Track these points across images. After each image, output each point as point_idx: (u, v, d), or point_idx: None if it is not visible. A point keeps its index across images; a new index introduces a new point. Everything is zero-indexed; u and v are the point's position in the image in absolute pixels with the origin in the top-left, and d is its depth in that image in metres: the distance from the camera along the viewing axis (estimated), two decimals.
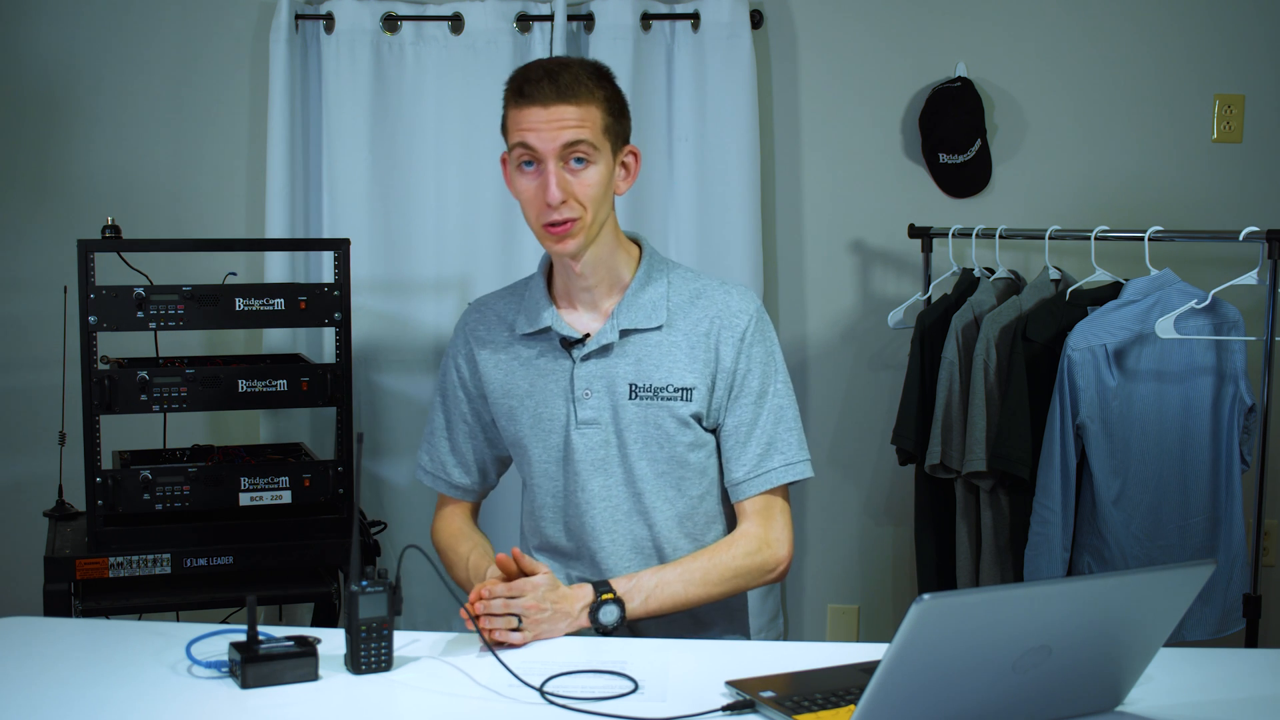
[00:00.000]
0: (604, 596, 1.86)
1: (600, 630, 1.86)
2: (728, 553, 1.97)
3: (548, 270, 2.06)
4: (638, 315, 1.98)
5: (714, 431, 2.03)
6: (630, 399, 1.97)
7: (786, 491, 2.03)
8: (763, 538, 1.99)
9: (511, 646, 1.77)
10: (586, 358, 1.98)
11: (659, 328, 1.98)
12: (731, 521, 2.06)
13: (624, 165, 1.98)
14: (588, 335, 1.99)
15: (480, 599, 1.77)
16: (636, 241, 2.06)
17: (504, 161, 1.97)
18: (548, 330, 2.01)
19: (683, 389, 1.97)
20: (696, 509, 2.02)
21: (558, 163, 1.88)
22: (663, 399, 1.96)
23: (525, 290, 2.08)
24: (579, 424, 1.97)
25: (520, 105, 1.89)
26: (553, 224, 1.90)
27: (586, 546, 2.01)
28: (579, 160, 1.89)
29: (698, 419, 1.99)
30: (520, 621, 1.77)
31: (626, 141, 1.98)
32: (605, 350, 1.98)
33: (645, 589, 1.90)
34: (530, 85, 1.88)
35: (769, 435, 1.99)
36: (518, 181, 1.92)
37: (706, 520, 2.04)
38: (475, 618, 1.76)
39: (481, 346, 2.06)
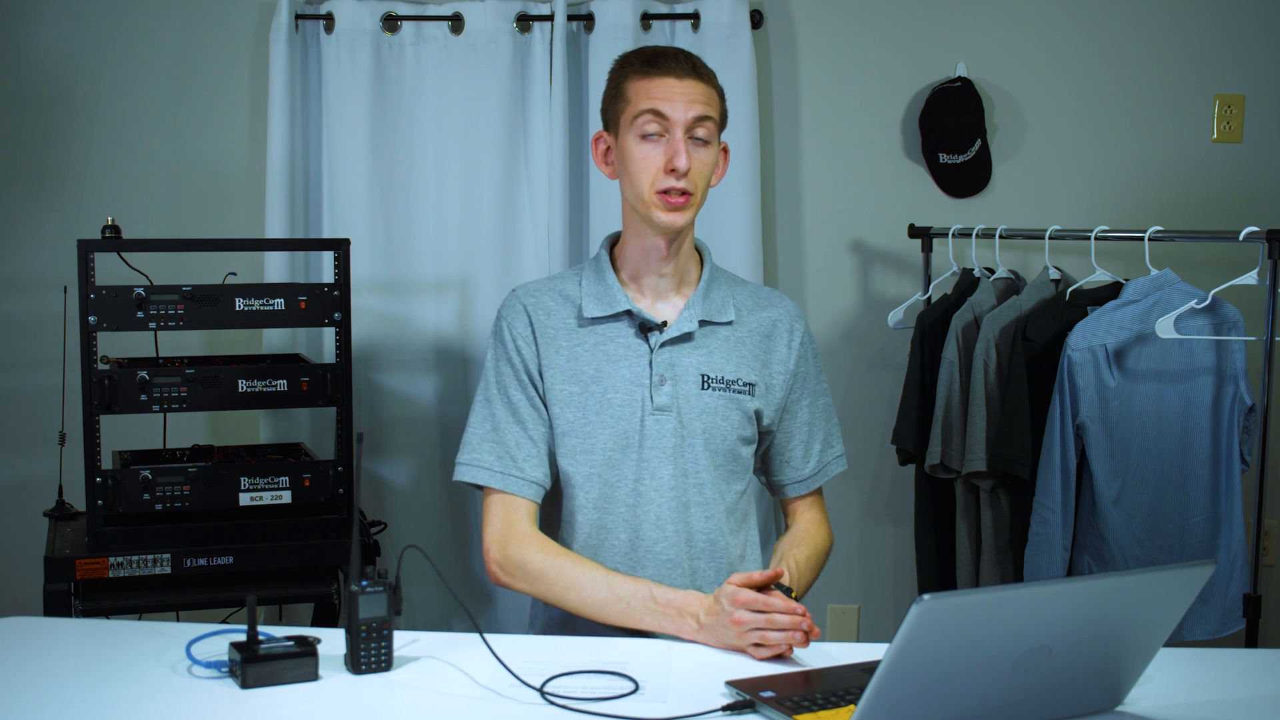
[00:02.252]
0: (785, 582, 1.88)
1: None
2: (816, 540, 2.08)
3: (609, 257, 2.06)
4: (711, 309, 2.02)
5: (764, 432, 2.06)
6: (703, 389, 1.98)
7: None
8: (826, 520, 2.13)
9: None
10: (664, 344, 1.99)
11: (730, 323, 2.03)
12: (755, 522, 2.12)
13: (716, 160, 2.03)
14: (665, 322, 2.00)
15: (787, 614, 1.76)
16: (698, 247, 2.09)
17: (596, 141, 2.03)
18: (621, 315, 2.00)
19: (749, 384, 2.01)
20: (736, 505, 2.04)
21: (684, 134, 1.92)
22: (734, 391, 1.99)
23: (581, 277, 2.05)
24: (655, 410, 1.97)
25: (651, 75, 1.94)
26: (669, 193, 1.92)
27: (644, 538, 1.98)
28: (699, 138, 1.94)
29: (758, 415, 2.02)
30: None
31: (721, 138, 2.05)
32: (683, 339, 2.00)
33: (793, 574, 1.96)
34: (664, 59, 1.95)
35: (825, 431, 2.10)
36: (637, 149, 1.94)
37: (741, 518, 2.06)
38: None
39: (544, 330, 2.00)
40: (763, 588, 1.80)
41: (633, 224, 2.00)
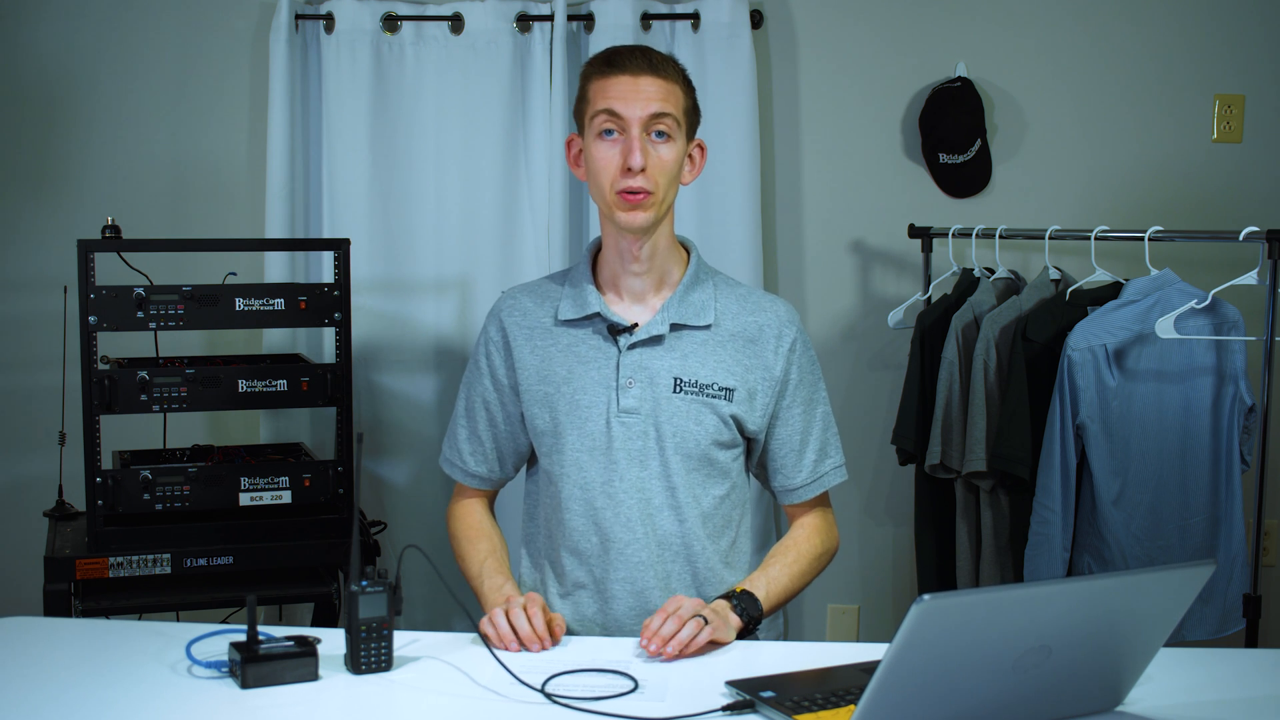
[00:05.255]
0: (738, 590, 1.92)
1: (752, 627, 1.90)
2: (808, 542, 2.06)
3: (593, 260, 2.06)
4: (687, 312, 2.00)
5: (749, 438, 2.04)
6: (675, 392, 1.97)
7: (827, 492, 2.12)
8: (825, 523, 2.09)
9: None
10: (633, 346, 1.98)
11: (707, 327, 2.00)
12: (754, 530, 2.09)
13: (690, 157, 2.02)
14: (635, 325, 1.99)
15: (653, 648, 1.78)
16: (685, 246, 2.08)
17: (569, 144, 2.03)
18: (593, 317, 2.00)
19: (725, 389, 1.98)
20: (716, 510, 2.01)
21: (641, 132, 1.91)
22: (708, 395, 1.97)
23: (566, 279, 2.07)
24: (620, 412, 1.97)
25: (608, 75, 1.94)
26: (628, 191, 1.91)
27: (614, 540, 1.98)
28: (660, 134, 1.93)
29: (736, 420, 1.99)
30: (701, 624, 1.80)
31: (695, 134, 2.02)
32: (654, 341, 1.99)
33: (762, 585, 1.95)
34: (620, 57, 1.94)
35: (821, 441, 2.06)
36: (596, 149, 1.94)
37: (723, 523, 2.03)
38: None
39: (517, 332, 2.04)
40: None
41: (605, 226, 2.01)
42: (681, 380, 1.97)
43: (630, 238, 1.97)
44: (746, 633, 1.90)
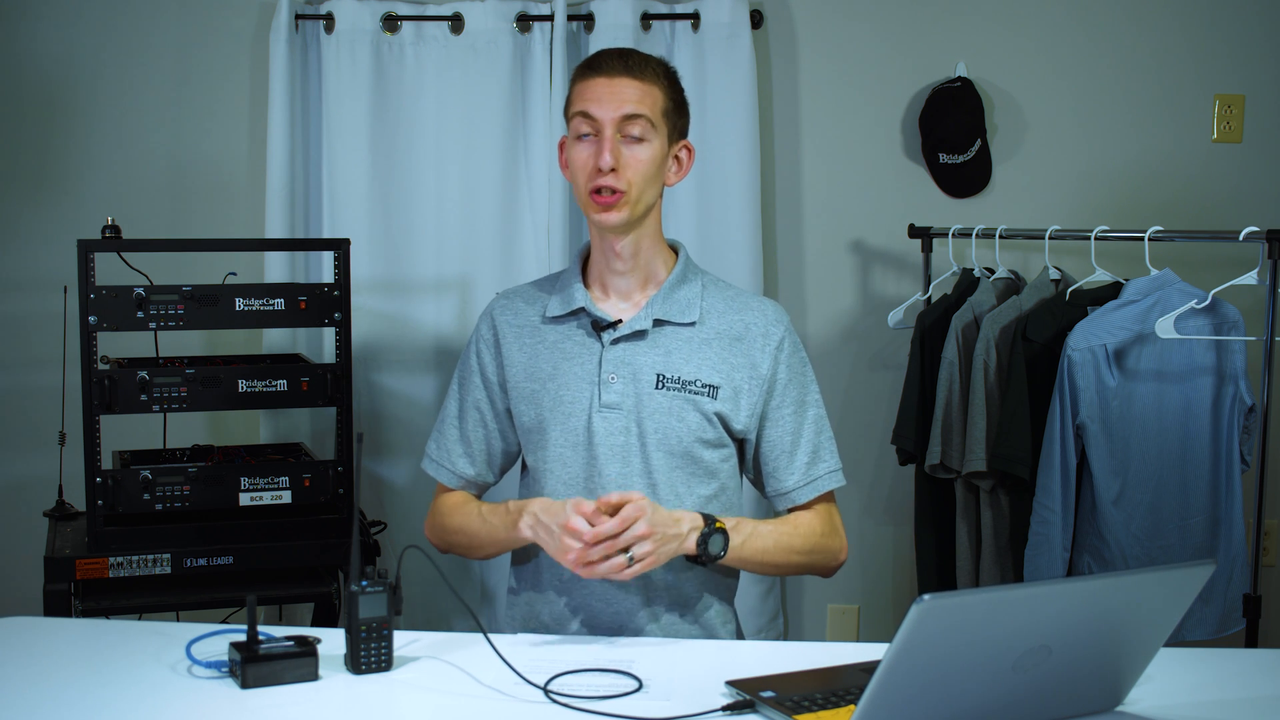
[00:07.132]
0: (717, 525, 1.89)
1: (701, 559, 1.89)
2: (809, 526, 2.02)
3: (583, 258, 2.08)
4: (672, 309, 2.01)
5: (739, 440, 2.04)
6: (657, 388, 1.97)
7: (833, 496, 2.08)
8: (830, 518, 2.05)
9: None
10: (616, 342, 1.99)
11: (692, 324, 2.01)
12: None
13: (677, 159, 2.02)
14: (619, 320, 2.00)
15: (587, 544, 1.80)
16: (674, 248, 2.09)
17: (561, 146, 2.04)
18: (579, 313, 2.02)
19: (709, 386, 1.98)
20: (702, 510, 2.00)
21: (614, 133, 1.93)
22: (691, 392, 1.97)
23: (558, 279, 2.09)
24: (601, 407, 1.97)
25: (586, 77, 1.96)
26: (599, 192, 1.93)
27: None
28: (632, 136, 1.94)
29: (721, 418, 1.99)
30: (630, 555, 1.81)
31: (683, 136, 2.03)
32: (637, 337, 1.99)
33: (745, 531, 1.94)
34: (599, 59, 1.97)
35: (813, 444, 2.03)
36: (573, 150, 1.97)
37: None
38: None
39: (507, 330, 2.06)
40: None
41: (590, 226, 2.03)
42: (664, 376, 1.98)
43: (611, 236, 1.98)
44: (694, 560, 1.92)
